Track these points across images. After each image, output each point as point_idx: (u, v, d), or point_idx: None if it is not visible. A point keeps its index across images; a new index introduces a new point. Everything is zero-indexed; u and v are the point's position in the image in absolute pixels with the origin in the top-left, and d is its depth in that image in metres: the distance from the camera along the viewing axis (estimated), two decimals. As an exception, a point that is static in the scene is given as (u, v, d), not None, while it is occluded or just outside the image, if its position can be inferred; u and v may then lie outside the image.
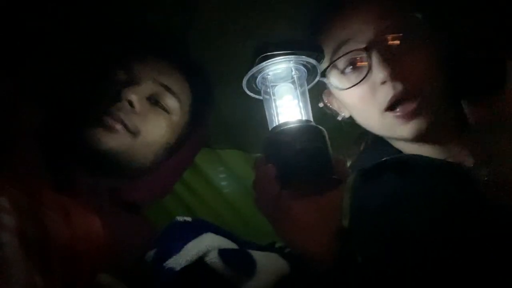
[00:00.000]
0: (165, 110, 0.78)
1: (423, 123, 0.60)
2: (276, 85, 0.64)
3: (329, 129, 0.74)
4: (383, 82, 0.59)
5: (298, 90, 0.64)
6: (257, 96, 0.68)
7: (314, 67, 0.64)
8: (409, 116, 0.60)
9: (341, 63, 0.64)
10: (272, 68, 0.63)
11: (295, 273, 0.65)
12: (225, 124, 0.89)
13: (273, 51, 0.61)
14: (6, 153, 0.66)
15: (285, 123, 0.59)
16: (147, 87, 0.76)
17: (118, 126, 0.71)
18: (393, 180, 0.66)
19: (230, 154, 1.06)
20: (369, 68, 0.60)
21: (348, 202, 0.76)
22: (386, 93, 0.60)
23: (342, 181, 0.58)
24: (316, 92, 0.74)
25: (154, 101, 0.77)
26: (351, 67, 0.63)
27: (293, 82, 0.64)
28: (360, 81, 0.61)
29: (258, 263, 0.64)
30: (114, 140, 0.71)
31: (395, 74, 0.59)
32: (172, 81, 0.79)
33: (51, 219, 0.52)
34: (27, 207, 0.50)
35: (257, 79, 0.65)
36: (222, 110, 0.89)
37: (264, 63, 0.61)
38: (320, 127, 0.60)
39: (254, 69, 0.62)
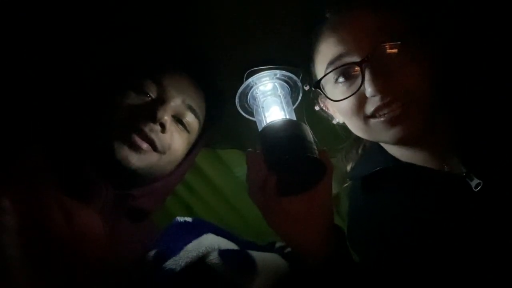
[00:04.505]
0: (186, 129, 0.79)
1: (407, 129, 0.61)
2: (265, 100, 0.73)
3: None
4: (373, 96, 0.61)
5: (284, 105, 0.72)
6: (250, 118, 0.77)
7: (295, 83, 0.74)
8: (392, 122, 0.61)
9: (335, 74, 0.65)
10: (258, 83, 0.74)
11: (295, 273, 0.66)
12: (225, 124, 0.89)
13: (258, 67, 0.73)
14: (10, 155, 0.66)
15: (271, 121, 0.68)
16: (176, 106, 0.76)
17: (145, 146, 0.71)
18: (390, 191, 0.69)
19: (230, 154, 1.06)
20: (362, 81, 0.61)
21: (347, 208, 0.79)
22: (374, 104, 0.61)
23: (326, 168, 0.63)
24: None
25: (177, 119, 0.78)
26: (343, 78, 0.65)
27: (279, 98, 0.73)
28: (352, 94, 0.63)
29: (258, 263, 0.65)
30: (142, 159, 0.71)
31: (385, 87, 0.60)
32: (196, 102, 0.80)
33: (52, 219, 0.52)
34: (29, 207, 0.50)
35: (248, 97, 0.75)
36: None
37: (250, 79, 0.73)
38: (302, 122, 0.66)
39: (244, 85, 0.74)
